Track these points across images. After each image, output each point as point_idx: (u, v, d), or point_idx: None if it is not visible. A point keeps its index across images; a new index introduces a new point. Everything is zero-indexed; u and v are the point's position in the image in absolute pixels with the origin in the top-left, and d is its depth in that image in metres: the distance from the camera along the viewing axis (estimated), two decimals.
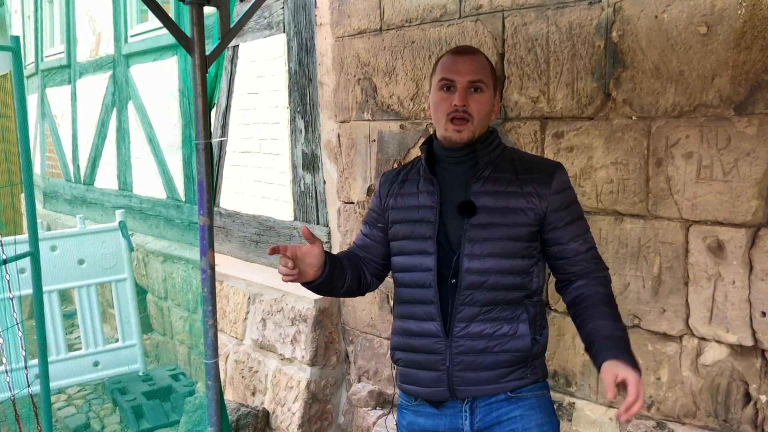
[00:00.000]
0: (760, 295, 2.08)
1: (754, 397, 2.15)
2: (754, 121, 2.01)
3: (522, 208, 1.72)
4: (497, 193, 1.72)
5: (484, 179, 1.73)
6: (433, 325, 1.76)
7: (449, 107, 1.71)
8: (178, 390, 4.79)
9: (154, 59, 5.62)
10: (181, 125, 5.27)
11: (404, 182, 1.86)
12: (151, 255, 5.76)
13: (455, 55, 1.77)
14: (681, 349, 2.30)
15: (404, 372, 1.86)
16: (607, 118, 2.36)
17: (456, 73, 1.71)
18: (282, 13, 3.85)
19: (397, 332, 1.87)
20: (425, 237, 1.76)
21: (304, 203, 3.87)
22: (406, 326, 1.82)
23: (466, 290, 1.72)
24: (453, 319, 1.74)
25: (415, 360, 1.81)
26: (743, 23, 2.00)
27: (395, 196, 1.85)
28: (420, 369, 1.80)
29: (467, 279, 1.72)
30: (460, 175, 1.76)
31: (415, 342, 1.80)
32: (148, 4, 2.28)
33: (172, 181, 5.49)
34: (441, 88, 1.74)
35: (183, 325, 5.38)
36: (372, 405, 3.41)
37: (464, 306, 1.73)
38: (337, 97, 3.42)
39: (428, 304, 1.76)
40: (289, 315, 3.65)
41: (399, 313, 1.87)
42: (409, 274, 1.80)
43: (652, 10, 2.20)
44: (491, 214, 1.71)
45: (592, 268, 1.78)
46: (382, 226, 1.89)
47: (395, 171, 1.94)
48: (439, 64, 1.79)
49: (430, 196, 1.78)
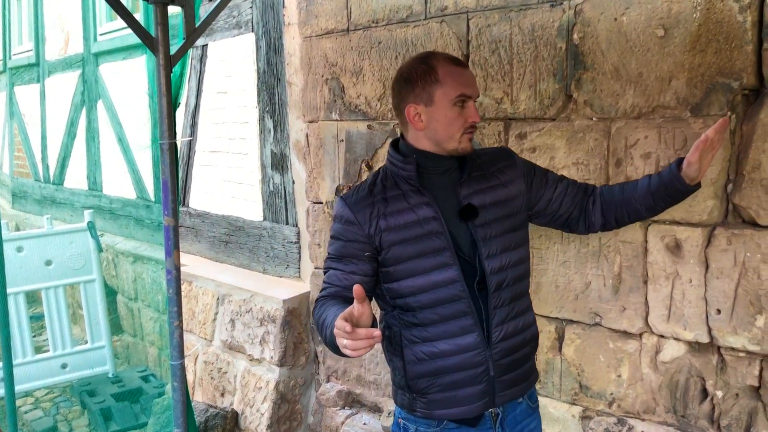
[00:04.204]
0: (716, 293, 2.12)
1: (711, 392, 2.20)
2: (709, 123, 2.05)
3: (511, 197, 1.79)
4: (485, 190, 1.75)
5: (467, 182, 1.75)
6: (471, 337, 1.70)
7: (465, 122, 1.68)
8: (149, 391, 4.76)
9: (123, 58, 5.57)
10: (151, 125, 5.23)
11: (386, 200, 1.72)
12: (120, 255, 5.70)
13: (461, 67, 1.71)
14: (641, 346, 2.34)
15: (437, 398, 1.75)
16: (569, 119, 2.39)
17: (471, 87, 1.70)
18: (251, 13, 3.84)
19: (418, 360, 1.74)
20: (440, 249, 1.69)
21: (273, 203, 3.87)
22: (435, 349, 1.72)
23: (494, 293, 1.72)
24: (490, 326, 1.72)
25: (453, 381, 1.72)
26: (698, 26, 2.04)
27: (384, 217, 1.70)
28: (459, 389, 1.73)
29: (493, 281, 1.71)
30: (445, 182, 1.75)
31: (449, 362, 1.71)
32: (111, 3, 2.27)
33: (142, 181, 5.45)
34: (456, 104, 1.67)
35: (153, 326, 5.34)
36: (341, 404, 3.41)
37: (497, 309, 1.73)
38: (305, 97, 3.42)
39: (462, 317, 1.70)
40: (257, 315, 3.64)
41: (420, 338, 1.73)
42: (430, 293, 1.70)
43: (611, 13, 2.24)
44: (489, 212, 1.73)
45: (588, 186, 1.92)
46: (371, 254, 1.72)
47: (362, 194, 1.76)
48: (446, 75, 1.68)
49: (429, 207, 1.70)
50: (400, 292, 1.72)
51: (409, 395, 1.78)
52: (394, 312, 1.78)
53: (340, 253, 1.74)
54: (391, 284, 1.73)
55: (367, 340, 1.36)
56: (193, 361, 4.11)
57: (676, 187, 1.77)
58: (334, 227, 1.78)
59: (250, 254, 4.09)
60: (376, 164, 3.09)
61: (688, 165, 1.72)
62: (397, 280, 1.71)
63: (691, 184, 1.76)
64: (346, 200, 1.76)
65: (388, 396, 3.25)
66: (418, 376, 1.75)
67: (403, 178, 1.73)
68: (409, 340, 1.75)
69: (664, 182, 1.78)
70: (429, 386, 1.74)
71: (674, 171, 1.76)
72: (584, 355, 2.48)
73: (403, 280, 1.71)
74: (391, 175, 1.77)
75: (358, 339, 1.36)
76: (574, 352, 2.50)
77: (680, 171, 1.74)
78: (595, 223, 1.90)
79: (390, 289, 1.74)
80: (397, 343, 1.77)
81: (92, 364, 5.03)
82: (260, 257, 4.02)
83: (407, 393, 1.79)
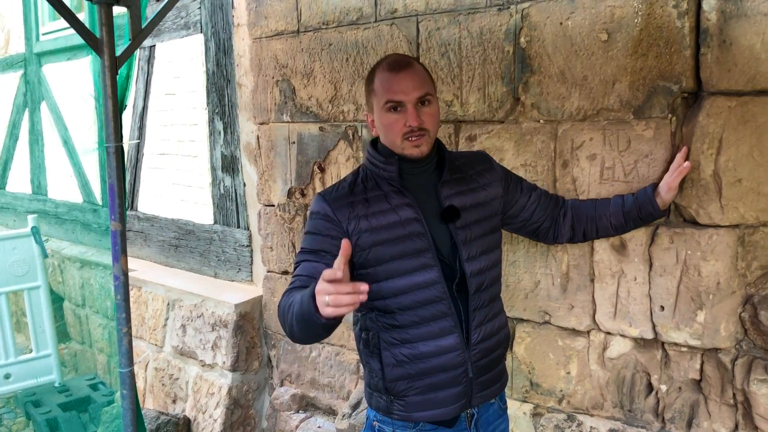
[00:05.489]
0: (659, 290, 2.18)
1: (656, 386, 2.26)
2: (651, 125, 2.11)
3: (489, 200, 1.82)
4: (465, 192, 1.78)
5: (448, 183, 1.77)
6: (452, 339, 1.71)
7: (402, 127, 1.67)
8: (97, 400, 4.63)
9: (68, 58, 5.43)
10: (97, 127, 5.10)
11: (368, 201, 1.71)
12: (67, 261, 5.55)
13: (394, 72, 1.68)
14: (589, 343, 2.39)
15: (416, 401, 1.74)
16: (517, 121, 2.42)
17: (402, 93, 1.65)
18: (199, 13, 3.79)
19: (397, 363, 1.74)
20: (422, 250, 1.68)
21: (224, 206, 3.82)
22: (415, 351, 1.71)
23: (474, 294, 1.73)
24: (470, 328, 1.73)
25: (433, 383, 1.73)
26: (640, 31, 2.10)
27: (365, 217, 1.69)
28: (439, 390, 1.73)
29: (474, 283, 1.73)
30: (424, 183, 1.76)
31: (429, 364, 1.72)
32: (52, 3, 2.21)
33: (89, 185, 5.31)
34: (389, 110, 1.67)
35: (102, 333, 5.21)
36: (295, 408, 3.39)
37: (476, 311, 1.74)
38: (255, 99, 3.39)
39: (442, 318, 1.70)
40: (209, 320, 3.59)
41: (399, 340, 1.73)
42: (411, 294, 1.69)
43: (557, 17, 2.28)
44: (469, 214, 1.75)
45: (559, 198, 2.05)
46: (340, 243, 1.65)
47: (341, 192, 1.75)
48: (378, 83, 1.70)
49: (410, 208, 1.70)
50: (381, 293, 1.70)
51: (387, 398, 1.78)
52: (371, 314, 1.77)
53: (315, 247, 1.69)
54: (371, 286, 1.68)
55: (353, 295, 1.28)
56: (144, 368, 4.03)
57: (649, 210, 1.93)
58: (309, 223, 1.75)
59: (201, 258, 4.03)
60: (329, 166, 3.08)
61: (669, 190, 1.90)
62: (378, 282, 1.69)
63: (663, 209, 1.93)
64: (325, 197, 1.74)
65: (342, 399, 3.24)
66: (396, 379, 1.74)
67: (385, 179, 1.74)
68: (388, 342, 1.74)
69: (638, 204, 1.93)
70: (408, 388, 1.74)
71: (649, 195, 1.92)
72: (534, 353, 2.52)
73: (384, 282, 1.69)
74: (372, 175, 1.76)
75: (343, 292, 1.28)
76: (524, 351, 2.54)
77: (656, 196, 1.91)
78: (564, 235, 2.01)
79: (369, 291, 1.72)
80: (375, 345, 1.77)
81: (37, 374, 4.87)
82: (211, 261, 3.97)
83: (384, 396, 1.78)
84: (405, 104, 1.66)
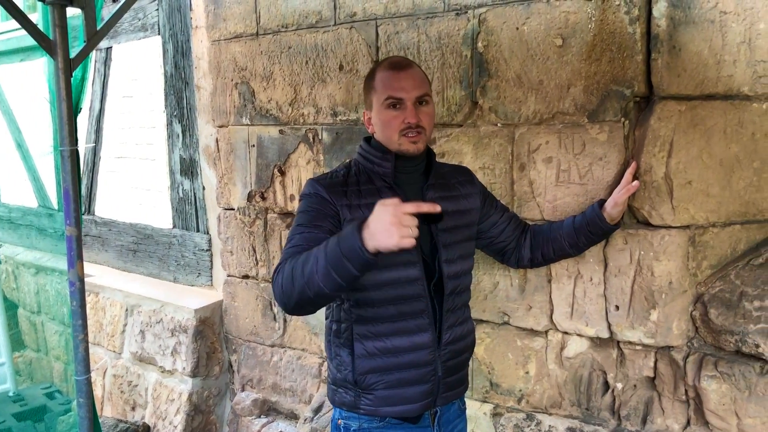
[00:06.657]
0: (614, 290, 2.23)
1: (612, 385, 2.30)
2: (605, 128, 2.16)
3: (469, 209, 1.90)
4: (448, 198, 1.84)
5: (433, 187, 1.82)
6: (425, 336, 1.76)
7: (401, 124, 1.73)
8: (54, 409, 4.53)
9: (21, 60, 5.30)
10: (52, 130, 4.99)
11: (360, 192, 1.75)
12: (21, 267, 5.42)
13: (395, 71, 1.76)
14: (547, 343, 2.43)
15: (383, 395, 1.77)
16: (475, 125, 2.45)
17: (402, 90, 1.73)
18: (157, 15, 3.74)
19: (369, 355, 1.76)
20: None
21: (183, 210, 3.78)
22: (390, 345, 1.74)
23: (449, 296, 1.79)
24: (442, 328, 1.79)
25: (402, 378, 1.76)
26: (593, 37, 2.14)
27: (357, 207, 1.72)
28: (408, 386, 1.77)
29: (450, 284, 1.79)
30: (413, 183, 1.82)
31: (401, 359, 1.75)
32: (2, 3, 2.16)
33: (44, 189, 5.20)
34: (389, 107, 1.74)
35: (58, 340, 5.11)
36: (256, 413, 3.36)
37: (449, 312, 1.80)
38: (214, 102, 3.36)
39: (419, 315, 1.75)
40: (168, 326, 3.55)
41: (373, 333, 1.75)
42: (392, 288, 1.73)
43: (513, 22, 2.31)
44: (451, 218, 1.81)
45: (524, 223, 2.13)
46: (335, 222, 1.70)
47: (336, 180, 1.78)
48: (379, 81, 1.77)
49: None
50: (369, 283, 1.72)
51: (354, 392, 1.80)
52: (344, 305, 1.79)
53: (311, 221, 1.68)
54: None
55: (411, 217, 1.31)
56: (102, 375, 3.96)
57: (597, 224, 2.00)
58: (303, 204, 1.75)
59: (160, 263, 3.98)
60: (289, 169, 3.07)
61: (615, 205, 1.98)
62: None
63: (611, 223, 2.00)
64: (319, 181, 1.77)
65: (304, 403, 3.23)
66: (366, 371, 1.77)
67: (378, 175, 1.79)
68: (361, 335, 1.77)
69: (586, 219, 2.01)
70: (377, 382, 1.77)
71: (596, 209, 2.01)
72: (494, 354, 2.55)
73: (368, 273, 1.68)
74: (365, 170, 1.81)
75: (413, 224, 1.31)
76: (484, 351, 2.57)
77: (602, 210, 1.99)
78: (524, 258, 2.09)
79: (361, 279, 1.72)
80: (347, 337, 1.79)
81: None
82: (170, 266, 3.91)
83: (352, 389, 1.80)
84: (404, 102, 1.73)
